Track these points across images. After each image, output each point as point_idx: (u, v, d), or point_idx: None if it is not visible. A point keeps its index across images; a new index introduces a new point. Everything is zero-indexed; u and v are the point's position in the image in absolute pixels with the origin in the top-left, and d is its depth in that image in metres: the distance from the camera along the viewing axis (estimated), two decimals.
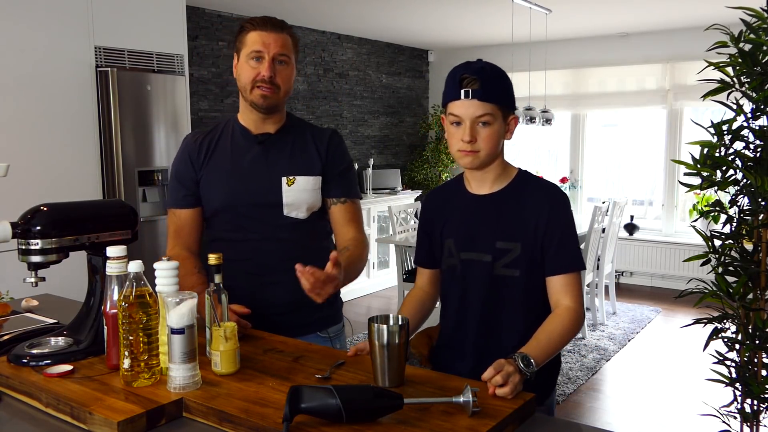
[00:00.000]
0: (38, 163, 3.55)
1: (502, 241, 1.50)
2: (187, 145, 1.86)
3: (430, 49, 7.89)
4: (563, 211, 1.50)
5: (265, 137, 1.81)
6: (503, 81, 1.49)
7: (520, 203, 1.51)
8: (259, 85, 1.73)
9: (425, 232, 1.67)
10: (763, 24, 2.15)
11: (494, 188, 1.54)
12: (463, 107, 1.45)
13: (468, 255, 1.53)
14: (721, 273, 2.26)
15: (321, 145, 1.83)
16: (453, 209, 1.59)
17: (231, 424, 1.20)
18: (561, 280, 1.49)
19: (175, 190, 1.86)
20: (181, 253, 1.81)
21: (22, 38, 3.47)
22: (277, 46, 1.72)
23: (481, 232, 1.52)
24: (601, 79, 6.96)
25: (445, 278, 1.61)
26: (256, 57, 1.72)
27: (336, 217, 1.84)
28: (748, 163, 2.19)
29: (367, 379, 1.37)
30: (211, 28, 5.40)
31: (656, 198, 6.94)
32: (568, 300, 1.48)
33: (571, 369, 4.28)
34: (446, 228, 1.58)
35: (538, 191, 1.53)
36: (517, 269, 1.49)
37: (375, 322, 1.34)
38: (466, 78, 1.45)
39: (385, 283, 6.51)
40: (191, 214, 1.85)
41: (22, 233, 1.46)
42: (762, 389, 2.21)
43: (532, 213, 1.49)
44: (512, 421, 1.21)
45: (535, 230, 1.48)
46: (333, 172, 1.83)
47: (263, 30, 1.72)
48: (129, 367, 1.33)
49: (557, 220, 1.48)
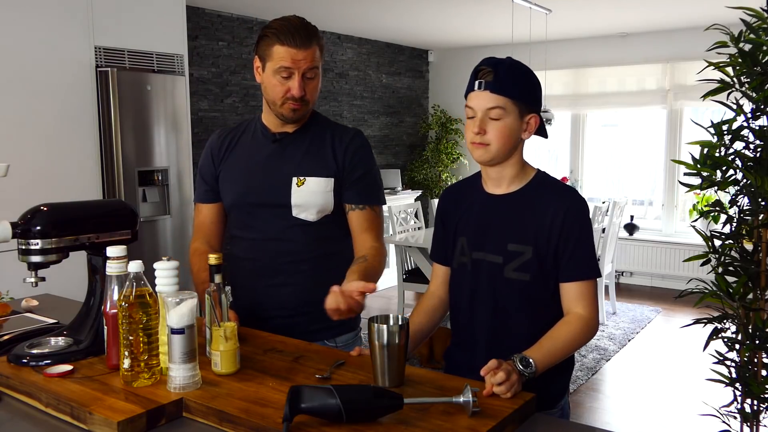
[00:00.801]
0: (38, 163, 3.55)
1: (514, 244, 1.47)
2: (212, 141, 1.89)
3: (430, 49, 7.89)
4: (580, 216, 1.46)
5: (282, 135, 1.78)
6: (522, 77, 1.46)
7: (535, 206, 1.48)
8: (288, 101, 1.69)
9: (442, 226, 1.65)
10: (763, 24, 2.15)
11: (510, 188, 1.52)
12: (475, 99, 1.45)
13: (479, 255, 1.51)
14: (721, 273, 2.26)
15: (339, 147, 1.76)
16: (468, 207, 1.58)
17: (231, 424, 1.20)
18: (574, 288, 1.46)
19: (199, 185, 1.90)
20: (200, 247, 1.83)
21: (22, 38, 3.47)
22: (307, 62, 1.66)
23: (493, 232, 1.50)
24: (601, 79, 6.96)
25: (456, 275, 1.59)
26: (286, 75, 1.66)
27: (353, 224, 1.78)
28: (748, 163, 2.19)
29: (367, 379, 1.37)
30: (211, 28, 5.40)
31: (656, 198, 6.94)
32: (580, 308, 1.45)
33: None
34: (460, 225, 1.57)
35: (556, 194, 1.49)
36: (528, 273, 1.46)
37: (375, 322, 1.34)
38: (482, 69, 1.44)
39: (385, 283, 6.51)
40: (212, 209, 1.88)
41: (22, 233, 1.46)
42: (762, 389, 2.21)
43: (547, 217, 1.45)
44: (512, 421, 1.21)
45: (549, 234, 1.45)
46: (351, 177, 1.76)
47: (292, 47, 1.64)
48: (129, 367, 1.33)
49: (573, 226, 1.45)
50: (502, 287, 1.49)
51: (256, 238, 1.78)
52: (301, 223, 1.75)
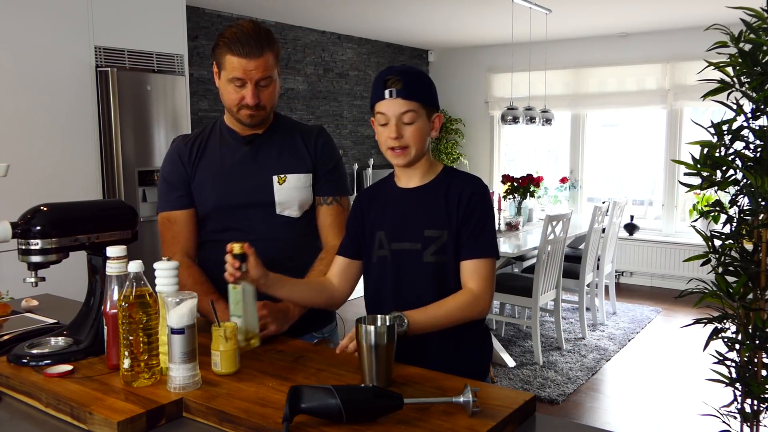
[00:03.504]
0: (38, 163, 3.55)
1: (431, 230, 1.57)
2: (177, 146, 1.84)
3: (430, 49, 7.89)
4: (480, 199, 1.57)
5: (253, 137, 1.81)
6: (425, 81, 1.58)
7: (445, 194, 1.58)
8: (243, 108, 1.71)
9: (352, 225, 1.70)
10: (763, 24, 2.15)
11: (422, 182, 1.62)
12: (388, 105, 1.53)
13: (399, 245, 1.59)
14: (721, 273, 2.26)
15: (309, 143, 1.84)
16: (383, 203, 1.66)
17: (231, 424, 1.20)
18: (470, 265, 1.55)
19: (168, 193, 1.82)
20: (182, 260, 1.73)
21: (22, 38, 3.47)
22: (259, 72, 1.67)
23: (411, 222, 1.59)
24: (601, 79, 6.96)
25: (376, 269, 1.64)
26: (239, 84, 1.68)
27: (320, 219, 1.86)
28: (748, 163, 2.19)
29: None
30: (211, 28, 5.40)
31: (656, 198, 6.94)
32: (472, 284, 1.54)
33: (571, 369, 4.28)
34: (377, 220, 1.64)
35: (463, 181, 1.60)
36: (445, 255, 1.56)
37: (362, 323, 1.33)
38: (390, 79, 1.53)
39: None
40: (187, 215, 1.82)
41: (22, 233, 1.46)
42: (762, 389, 2.21)
43: (455, 202, 1.56)
44: (512, 421, 1.21)
45: (456, 217, 1.56)
46: (323, 170, 1.84)
47: (242, 57, 1.64)
48: (129, 367, 1.33)
49: (473, 208, 1.55)
50: (424, 271, 1.57)
51: (242, 239, 1.78)
52: (286, 220, 1.80)
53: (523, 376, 4.15)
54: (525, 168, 7.46)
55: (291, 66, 6.15)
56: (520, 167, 7.62)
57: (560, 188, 7.17)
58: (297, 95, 6.23)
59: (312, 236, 1.86)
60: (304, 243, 1.84)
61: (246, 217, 1.79)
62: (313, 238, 1.86)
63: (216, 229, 1.81)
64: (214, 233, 1.82)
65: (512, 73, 6.71)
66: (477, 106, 7.69)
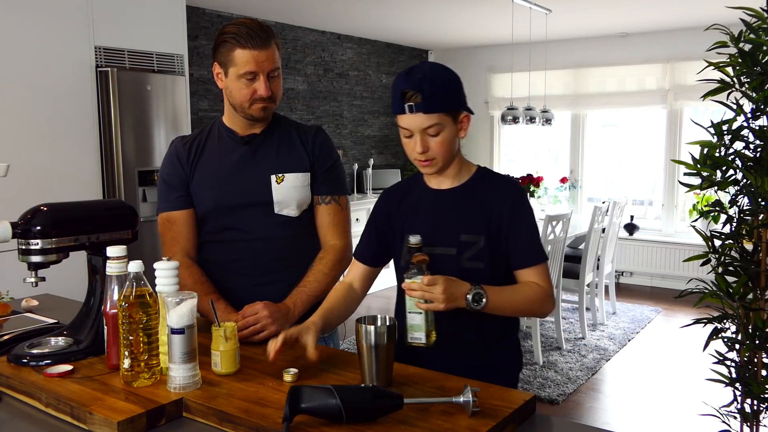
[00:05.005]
0: (38, 163, 3.55)
1: (466, 234, 1.52)
2: (176, 147, 1.85)
3: (430, 49, 7.89)
4: (524, 204, 1.54)
5: (251, 137, 1.82)
6: (446, 87, 1.48)
7: (481, 197, 1.54)
8: (256, 102, 1.73)
9: (376, 228, 1.66)
10: (763, 24, 2.15)
11: (455, 184, 1.57)
12: (410, 121, 1.47)
13: (431, 249, 1.53)
14: (721, 273, 2.26)
15: (307, 143, 1.84)
16: (413, 204, 1.61)
17: (231, 424, 1.20)
18: (532, 272, 1.52)
19: (167, 194, 1.83)
20: (183, 261, 1.73)
21: (22, 38, 3.47)
22: (270, 63, 1.69)
23: (445, 225, 1.55)
24: (601, 79, 6.96)
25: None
26: (251, 77, 1.69)
27: (319, 219, 1.86)
28: (748, 163, 2.19)
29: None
30: (211, 28, 5.40)
31: (656, 198, 6.94)
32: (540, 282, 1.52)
33: (571, 369, 4.28)
34: (407, 223, 1.58)
35: (499, 185, 1.56)
36: (482, 262, 1.52)
37: (362, 323, 1.34)
38: (407, 93, 1.45)
39: (384, 284, 6.48)
40: (187, 215, 1.82)
41: (22, 233, 1.46)
42: (762, 389, 2.21)
43: (494, 206, 1.52)
44: (512, 421, 1.22)
45: (498, 223, 1.51)
46: (321, 169, 1.84)
47: (253, 48, 1.66)
48: (129, 367, 1.33)
49: (520, 214, 1.52)
50: (459, 277, 1.50)
51: (241, 238, 1.79)
52: (284, 220, 1.80)
53: (523, 376, 4.14)
54: (525, 168, 7.45)
55: (291, 66, 6.15)
56: (520, 167, 7.61)
57: (560, 188, 7.17)
58: (297, 95, 6.23)
59: (311, 235, 1.86)
60: (303, 242, 1.84)
61: (245, 217, 1.79)
62: (312, 238, 1.87)
63: (215, 229, 1.82)
64: (214, 233, 1.83)
65: (512, 73, 6.71)
66: (477, 106, 7.69)
